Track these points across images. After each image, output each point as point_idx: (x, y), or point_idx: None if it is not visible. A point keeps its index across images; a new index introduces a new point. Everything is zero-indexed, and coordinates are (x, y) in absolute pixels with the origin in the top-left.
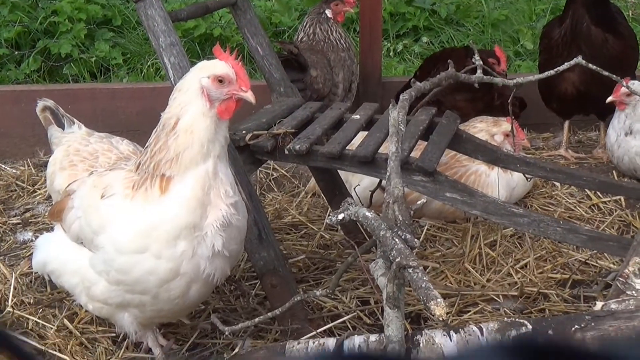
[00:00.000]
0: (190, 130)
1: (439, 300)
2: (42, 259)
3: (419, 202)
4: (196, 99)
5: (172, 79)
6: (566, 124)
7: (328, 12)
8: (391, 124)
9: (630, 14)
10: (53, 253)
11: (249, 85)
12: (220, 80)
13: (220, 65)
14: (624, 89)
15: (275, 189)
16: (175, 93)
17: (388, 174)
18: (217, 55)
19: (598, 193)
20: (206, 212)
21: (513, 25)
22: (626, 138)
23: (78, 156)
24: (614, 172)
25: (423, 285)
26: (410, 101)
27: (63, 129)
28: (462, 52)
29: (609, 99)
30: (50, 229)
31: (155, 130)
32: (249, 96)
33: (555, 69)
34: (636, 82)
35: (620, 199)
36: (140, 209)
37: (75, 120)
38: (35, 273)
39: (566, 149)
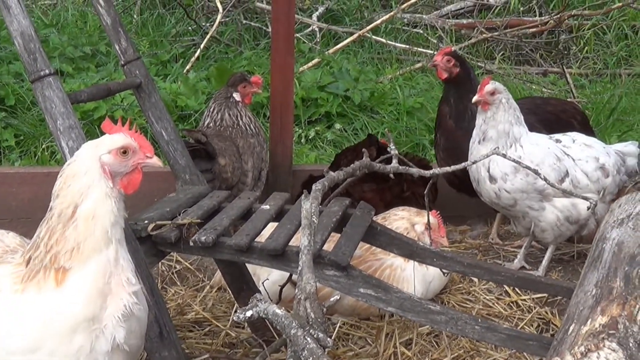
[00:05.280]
0: (92, 216)
1: None
2: None
3: (332, 299)
4: (98, 180)
5: None
6: (498, 215)
7: (236, 96)
8: (303, 216)
9: None
10: None
11: (152, 151)
12: (124, 151)
13: (118, 137)
14: (487, 88)
15: (178, 283)
16: (68, 181)
17: (300, 268)
18: (107, 130)
19: (517, 289)
20: (106, 302)
21: (429, 114)
22: (478, 146)
23: None
24: (538, 270)
25: None
26: (323, 191)
27: None
28: (366, 141)
29: (475, 98)
30: None
31: (45, 221)
32: (156, 161)
33: (473, 160)
34: (498, 83)
35: (540, 296)
36: (32, 303)
37: None
38: None
39: (493, 238)
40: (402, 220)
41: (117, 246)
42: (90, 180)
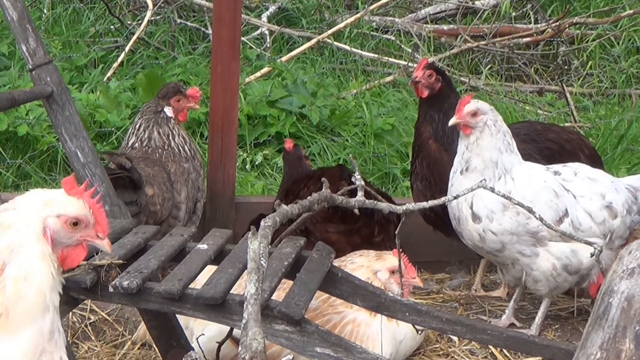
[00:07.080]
0: (25, 276)
1: None
2: None
3: (283, 359)
4: (36, 242)
5: None
6: (483, 261)
7: (168, 111)
8: (250, 258)
9: None
10: None
11: (107, 231)
12: (75, 223)
13: (75, 204)
14: (468, 108)
15: (93, 338)
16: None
17: (244, 321)
18: (67, 189)
19: (505, 351)
20: None
21: (401, 137)
22: (460, 177)
23: None
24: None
25: None
26: (274, 229)
27: None
28: (336, 173)
29: (452, 120)
30: None
31: None
32: (106, 245)
33: (455, 195)
34: (481, 101)
35: None
36: None
37: None
38: None
39: (477, 289)
40: (362, 268)
41: (53, 316)
42: (26, 238)
